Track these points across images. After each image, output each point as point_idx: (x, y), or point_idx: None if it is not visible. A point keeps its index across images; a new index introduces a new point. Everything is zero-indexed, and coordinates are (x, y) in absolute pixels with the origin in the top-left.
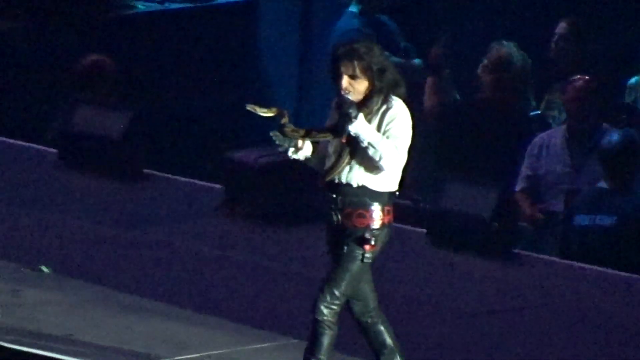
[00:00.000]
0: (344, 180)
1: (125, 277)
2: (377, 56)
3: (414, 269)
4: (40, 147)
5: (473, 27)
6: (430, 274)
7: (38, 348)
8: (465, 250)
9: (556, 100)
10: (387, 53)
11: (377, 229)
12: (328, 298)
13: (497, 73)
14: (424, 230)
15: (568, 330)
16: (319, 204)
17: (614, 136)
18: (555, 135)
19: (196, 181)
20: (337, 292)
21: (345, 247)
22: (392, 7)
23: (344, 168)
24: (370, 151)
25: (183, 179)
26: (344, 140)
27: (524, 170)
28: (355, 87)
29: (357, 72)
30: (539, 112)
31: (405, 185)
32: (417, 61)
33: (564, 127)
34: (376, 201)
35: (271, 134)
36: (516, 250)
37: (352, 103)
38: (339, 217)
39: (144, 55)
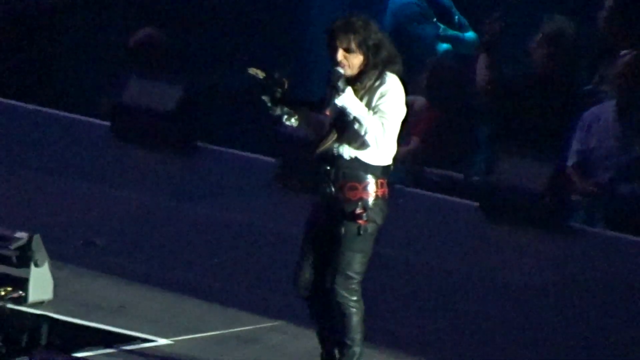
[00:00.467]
0: (336, 153)
1: (177, 251)
2: (373, 32)
3: (465, 243)
4: (93, 120)
5: (526, 1)
6: (482, 248)
7: (91, 320)
8: (517, 224)
9: (607, 74)
10: (442, 26)
11: (371, 202)
12: (343, 281)
13: (550, 47)
14: (476, 204)
15: (621, 303)
16: None
17: None
18: (605, 110)
19: (250, 154)
20: (350, 273)
21: (343, 228)
22: None
23: (333, 141)
24: (356, 125)
25: (237, 152)
26: (327, 113)
27: (575, 144)
28: (350, 61)
29: (353, 46)
30: (590, 86)
31: (458, 159)
32: (471, 34)
33: (614, 101)
34: (370, 174)
35: (263, 97)
36: (568, 224)
37: (340, 76)
38: (332, 189)
39: (198, 28)
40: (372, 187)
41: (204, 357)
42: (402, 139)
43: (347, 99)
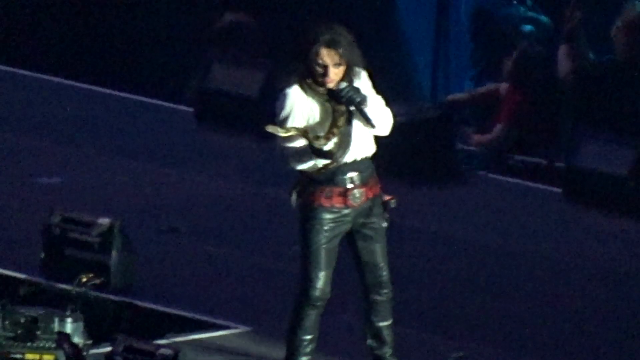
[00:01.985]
0: (353, 158)
1: (260, 238)
2: (349, 38)
3: (549, 229)
4: (178, 106)
5: None
6: (565, 234)
7: (172, 307)
8: (601, 209)
9: None
10: (523, 8)
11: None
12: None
13: (631, 33)
14: (559, 190)
15: None
16: (455, 161)
17: None
18: None
19: None
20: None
21: (383, 222)
22: None
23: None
24: (369, 111)
25: None
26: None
27: None
28: (338, 75)
29: (340, 60)
30: None
31: (542, 145)
32: (544, 18)
33: None
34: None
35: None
36: None
37: (353, 89)
38: (361, 192)
39: (282, 12)
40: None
41: (283, 345)
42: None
43: (351, 86)
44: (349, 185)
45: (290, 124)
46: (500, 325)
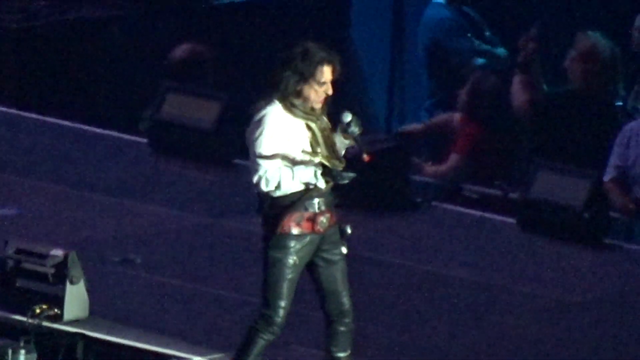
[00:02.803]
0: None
1: (215, 268)
2: None
3: (503, 259)
4: (131, 137)
5: (558, 19)
6: (520, 264)
7: (126, 338)
8: (555, 240)
9: None
10: (477, 41)
11: None
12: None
13: (585, 64)
14: (514, 220)
15: None
16: (409, 191)
17: None
18: None
19: None
20: None
21: (344, 248)
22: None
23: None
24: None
25: None
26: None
27: (613, 159)
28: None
29: (334, 76)
30: (621, 103)
31: (496, 176)
32: (501, 50)
33: None
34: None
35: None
36: (607, 241)
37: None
38: (327, 218)
39: (236, 44)
40: None
41: None
42: (440, 155)
43: None
44: (317, 210)
45: (271, 142)
46: (457, 355)
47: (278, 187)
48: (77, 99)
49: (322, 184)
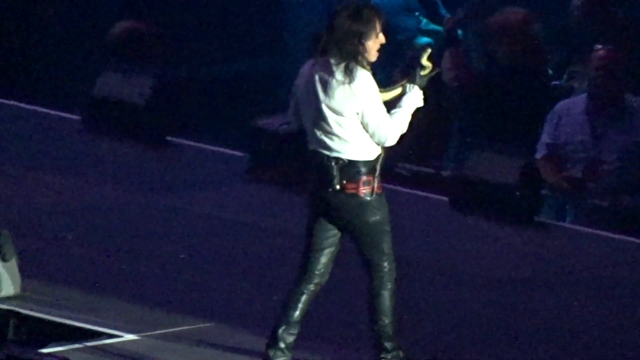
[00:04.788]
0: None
1: (148, 246)
2: None
3: (436, 237)
4: (66, 114)
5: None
6: (452, 242)
7: (58, 316)
8: (488, 218)
9: (577, 70)
10: (425, 19)
11: None
12: None
13: (513, 41)
14: (447, 199)
15: (589, 297)
16: None
17: None
18: (576, 104)
19: (220, 149)
20: None
21: None
22: None
23: None
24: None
25: (207, 146)
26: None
27: (545, 137)
28: None
29: None
30: (558, 82)
31: (429, 154)
32: (459, 32)
33: (585, 95)
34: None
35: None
36: (539, 219)
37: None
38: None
39: (169, 21)
40: None
41: (171, 353)
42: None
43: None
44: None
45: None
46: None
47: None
48: (12, 75)
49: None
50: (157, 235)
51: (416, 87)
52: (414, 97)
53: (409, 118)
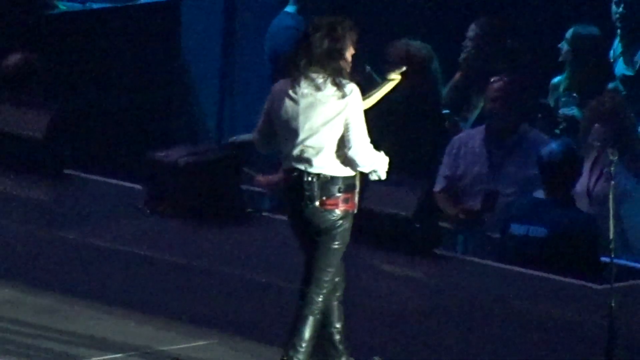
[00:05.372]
0: None
1: (46, 278)
2: None
3: None
4: None
5: (396, 28)
6: (351, 274)
7: None
8: (386, 250)
9: (472, 101)
10: None
11: None
12: None
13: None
14: None
15: (488, 329)
16: (240, 202)
17: (554, 146)
18: (474, 136)
19: (118, 181)
20: None
21: None
22: (329, 8)
23: None
24: None
25: (104, 179)
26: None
27: (443, 170)
28: None
29: None
30: (448, 111)
31: None
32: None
33: (482, 127)
34: None
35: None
36: (438, 251)
37: None
38: None
39: (66, 55)
40: None
41: None
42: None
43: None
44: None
45: None
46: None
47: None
48: None
49: None
50: (55, 269)
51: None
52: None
53: (384, 164)
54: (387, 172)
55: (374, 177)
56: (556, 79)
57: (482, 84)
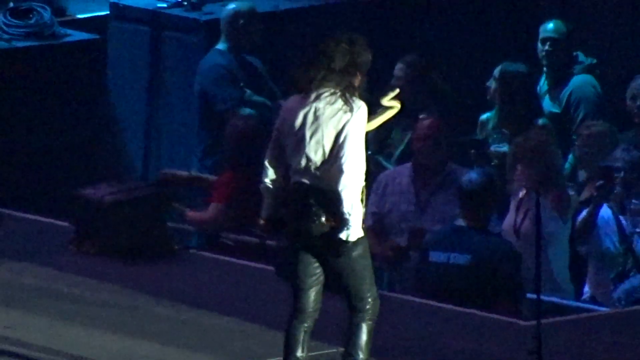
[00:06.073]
0: None
1: None
2: None
3: (263, 306)
4: None
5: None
6: (280, 310)
7: None
8: None
9: (397, 137)
10: (249, 91)
11: None
12: None
13: None
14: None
15: None
16: (165, 239)
17: (474, 175)
18: (401, 173)
19: (44, 219)
20: None
21: None
22: (259, 47)
23: None
24: None
25: (31, 216)
26: None
27: (370, 207)
28: None
29: None
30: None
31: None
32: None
33: (409, 164)
34: None
35: None
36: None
37: None
38: None
39: None
40: None
41: None
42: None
43: None
44: None
45: None
46: None
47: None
48: None
49: None
50: None
51: None
52: None
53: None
54: None
55: (342, 235)
56: (484, 116)
57: (408, 120)
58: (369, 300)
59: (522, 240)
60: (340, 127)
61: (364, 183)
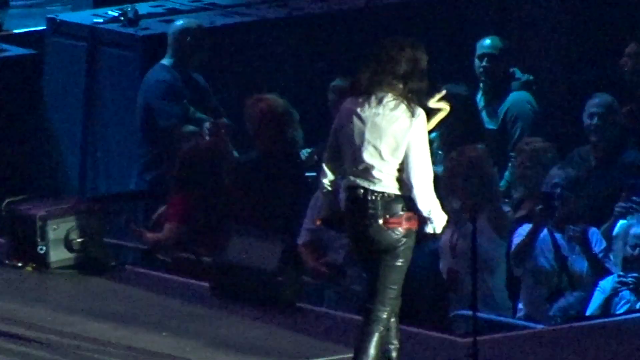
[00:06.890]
0: None
1: None
2: None
3: (197, 324)
4: None
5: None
6: (213, 328)
7: None
8: (249, 304)
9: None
10: (192, 108)
11: None
12: None
13: (266, 128)
14: (207, 284)
15: None
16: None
17: None
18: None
19: None
20: None
21: None
22: (205, 63)
23: None
24: None
25: None
26: None
27: (307, 223)
28: None
29: None
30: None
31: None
32: (226, 120)
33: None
34: None
35: None
36: (300, 304)
37: None
38: None
39: None
40: None
41: None
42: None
43: None
44: None
45: None
46: None
47: None
48: None
49: None
50: None
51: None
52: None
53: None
54: (251, 225)
55: (429, 229)
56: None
57: None
58: (387, 308)
59: (458, 257)
60: (401, 136)
61: None
